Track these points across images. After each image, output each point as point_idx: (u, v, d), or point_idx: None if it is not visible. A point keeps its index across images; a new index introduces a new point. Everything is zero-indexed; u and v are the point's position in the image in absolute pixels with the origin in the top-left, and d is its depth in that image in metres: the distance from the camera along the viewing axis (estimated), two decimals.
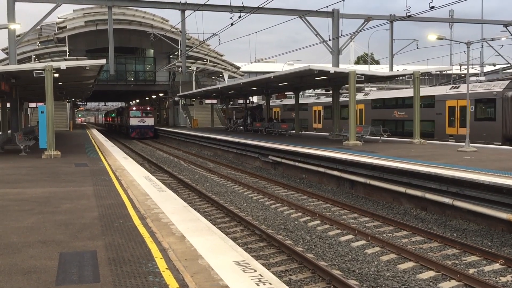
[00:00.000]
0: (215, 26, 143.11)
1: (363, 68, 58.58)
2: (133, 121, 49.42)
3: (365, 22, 38.42)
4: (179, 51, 46.01)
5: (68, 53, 47.85)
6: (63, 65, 18.94)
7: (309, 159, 19.26)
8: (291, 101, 47.43)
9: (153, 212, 8.93)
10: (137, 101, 75.98)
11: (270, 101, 48.74)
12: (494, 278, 8.49)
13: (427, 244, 10.56)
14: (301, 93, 49.87)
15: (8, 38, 31.10)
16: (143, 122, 49.44)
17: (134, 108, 51.29)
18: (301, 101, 45.11)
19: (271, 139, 27.64)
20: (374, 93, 36.08)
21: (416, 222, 12.45)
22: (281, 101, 52.83)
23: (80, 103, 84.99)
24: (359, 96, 34.84)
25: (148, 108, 51.70)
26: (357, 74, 21.92)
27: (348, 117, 33.48)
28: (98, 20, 49.91)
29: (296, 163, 20.23)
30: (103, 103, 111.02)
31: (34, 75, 18.92)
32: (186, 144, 39.75)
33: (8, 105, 30.02)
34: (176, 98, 53.87)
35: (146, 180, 13.08)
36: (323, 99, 43.01)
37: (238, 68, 55.50)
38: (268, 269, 8.03)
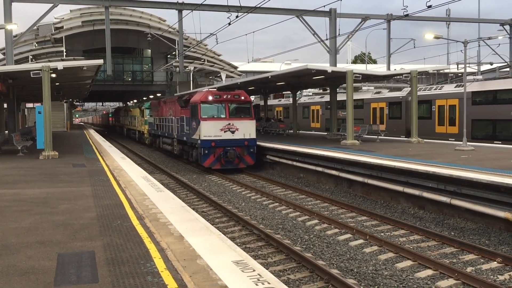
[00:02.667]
0: (213, 26, 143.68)
1: (360, 68, 58.61)
2: (208, 129, 21.56)
3: (362, 22, 38.42)
4: (177, 51, 45.88)
5: (65, 53, 47.70)
6: (60, 65, 18.91)
7: (307, 159, 19.26)
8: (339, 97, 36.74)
9: (151, 212, 8.93)
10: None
11: (303, 98, 46.70)
12: (491, 277, 8.51)
13: (425, 243, 10.58)
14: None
15: (5, 39, 31.01)
16: (233, 132, 21.72)
17: (210, 98, 22.02)
18: (355, 96, 36.12)
19: (269, 138, 27.64)
20: (476, 83, 26.94)
21: (414, 221, 12.48)
22: (321, 97, 43.00)
23: (78, 103, 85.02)
24: (448, 88, 27.98)
25: (243, 98, 22.55)
26: (354, 73, 22.03)
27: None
28: (95, 20, 49.80)
29: (294, 163, 20.24)
30: (100, 103, 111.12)
31: (31, 76, 18.90)
32: None
33: (5, 105, 29.97)
34: None
35: (144, 180, 13.07)
36: (387, 94, 33.69)
37: (235, 67, 55.43)
38: (267, 269, 8.03)
